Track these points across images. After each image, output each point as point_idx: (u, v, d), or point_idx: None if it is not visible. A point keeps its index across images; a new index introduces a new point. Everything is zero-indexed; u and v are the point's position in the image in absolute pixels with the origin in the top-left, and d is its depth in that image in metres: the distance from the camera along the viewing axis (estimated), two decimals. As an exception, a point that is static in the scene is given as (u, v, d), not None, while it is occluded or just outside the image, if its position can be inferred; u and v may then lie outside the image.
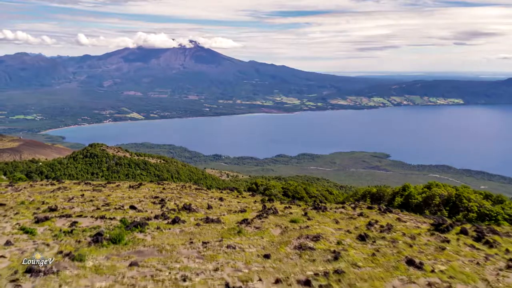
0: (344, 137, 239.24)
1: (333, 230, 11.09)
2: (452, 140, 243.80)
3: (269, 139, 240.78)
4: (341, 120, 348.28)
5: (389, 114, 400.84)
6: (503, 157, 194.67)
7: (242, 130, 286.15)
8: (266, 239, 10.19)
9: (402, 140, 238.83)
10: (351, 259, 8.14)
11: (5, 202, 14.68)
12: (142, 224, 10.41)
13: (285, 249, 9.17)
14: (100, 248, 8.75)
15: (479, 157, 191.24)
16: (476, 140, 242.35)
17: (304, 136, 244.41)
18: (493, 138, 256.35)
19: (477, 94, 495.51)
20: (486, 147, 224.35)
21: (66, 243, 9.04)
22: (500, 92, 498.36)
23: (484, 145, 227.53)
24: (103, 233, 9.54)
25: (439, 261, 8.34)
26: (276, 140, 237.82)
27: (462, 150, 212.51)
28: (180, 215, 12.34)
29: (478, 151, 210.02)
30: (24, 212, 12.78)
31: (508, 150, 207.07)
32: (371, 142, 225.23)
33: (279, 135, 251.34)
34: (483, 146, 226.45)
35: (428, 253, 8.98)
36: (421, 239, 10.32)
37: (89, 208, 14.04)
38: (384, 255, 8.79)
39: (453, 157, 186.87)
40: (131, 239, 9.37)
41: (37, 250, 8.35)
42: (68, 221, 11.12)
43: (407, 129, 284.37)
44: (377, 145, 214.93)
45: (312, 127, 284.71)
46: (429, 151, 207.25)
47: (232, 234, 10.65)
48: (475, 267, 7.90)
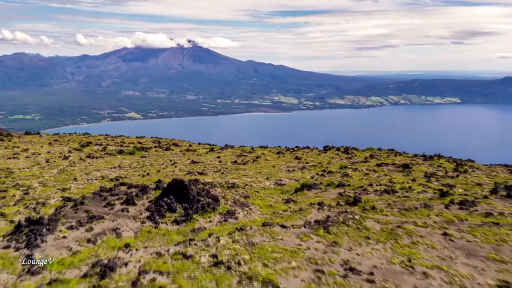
0: (341, 135, 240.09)
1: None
2: (448, 135, 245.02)
3: (266, 138, 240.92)
4: (338, 119, 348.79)
5: (386, 113, 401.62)
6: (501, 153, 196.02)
7: (240, 129, 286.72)
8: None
9: (401, 138, 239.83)
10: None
11: (59, 138, 29.34)
12: (146, 148, 17.99)
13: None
14: (124, 154, 22.71)
15: (478, 152, 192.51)
16: (473, 136, 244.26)
17: (301, 135, 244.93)
18: (490, 135, 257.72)
19: (474, 93, 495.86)
20: (482, 142, 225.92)
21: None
22: (497, 91, 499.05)
23: (481, 141, 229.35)
24: (124, 150, 22.39)
25: (313, 158, 22.44)
26: (273, 138, 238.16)
27: (459, 145, 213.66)
28: (170, 147, 22.89)
29: (476, 146, 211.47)
30: (72, 144, 24.77)
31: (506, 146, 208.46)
32: (368, 139, 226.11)
33: (276, 134, 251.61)
34: (480, 141, 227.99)
35: (310, 155, 23.82)
36: (311, 153, 25.59)
37: (113, 142, 26.94)
38: (285, 156, 23.75)
39: (451, 152, 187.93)
40: (140, 153, 22.63)
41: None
42: (101, 147, 23.63)
43: (404, 127, 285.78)
44: (373, 142, 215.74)
45: (309, 126, 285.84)
46: (425, 146, 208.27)
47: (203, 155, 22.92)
48: (332, 160, 21.63)
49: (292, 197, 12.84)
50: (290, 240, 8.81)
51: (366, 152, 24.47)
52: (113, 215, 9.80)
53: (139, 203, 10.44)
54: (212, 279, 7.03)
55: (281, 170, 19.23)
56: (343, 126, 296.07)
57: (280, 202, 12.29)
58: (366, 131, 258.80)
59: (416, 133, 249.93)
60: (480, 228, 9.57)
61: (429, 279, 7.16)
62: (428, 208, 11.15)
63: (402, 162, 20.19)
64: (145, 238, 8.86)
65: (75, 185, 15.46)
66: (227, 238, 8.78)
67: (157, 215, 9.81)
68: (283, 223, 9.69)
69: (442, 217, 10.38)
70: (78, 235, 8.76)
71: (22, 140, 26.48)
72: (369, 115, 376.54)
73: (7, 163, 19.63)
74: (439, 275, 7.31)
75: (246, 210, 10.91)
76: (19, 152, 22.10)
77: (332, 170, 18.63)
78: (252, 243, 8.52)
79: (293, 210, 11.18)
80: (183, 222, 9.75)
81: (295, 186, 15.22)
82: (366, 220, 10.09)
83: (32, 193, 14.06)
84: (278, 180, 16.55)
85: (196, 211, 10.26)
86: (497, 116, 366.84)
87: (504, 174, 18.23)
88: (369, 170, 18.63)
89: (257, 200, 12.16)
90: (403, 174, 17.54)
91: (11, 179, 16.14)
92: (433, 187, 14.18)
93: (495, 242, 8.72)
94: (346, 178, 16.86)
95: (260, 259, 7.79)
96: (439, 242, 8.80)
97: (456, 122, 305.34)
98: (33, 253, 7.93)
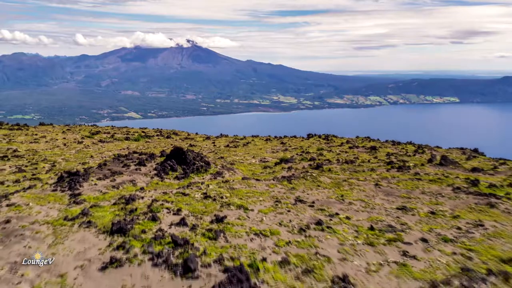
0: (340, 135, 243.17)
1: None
2: (447, 135, 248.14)
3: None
4: (337, 119, 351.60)
5: (385, 112, 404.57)
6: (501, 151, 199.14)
7: (239, 128, 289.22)
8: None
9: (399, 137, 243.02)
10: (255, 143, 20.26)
11: (71, 128, 31.91)
12: (150, 136, 18.29)
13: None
14: (130, 141, 23.21)
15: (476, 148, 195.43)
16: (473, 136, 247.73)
17: (300, 134, 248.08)
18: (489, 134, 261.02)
19: (473, 93, 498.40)
20: (482, 142, 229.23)
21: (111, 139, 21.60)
22: (495, 90, 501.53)
23: (481, 140, 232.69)
24: (129, 137, 19.84)
25: (296, 143, 26.07)
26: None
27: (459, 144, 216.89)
28: (171, 135, 20.90)
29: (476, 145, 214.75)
30: (83, 133, 26.90)
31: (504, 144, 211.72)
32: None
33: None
34: (480, 141, 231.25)
35: (294, 141, 27.69)
36: (295, 140, 29.42)
37: (119, 132, 28.76)
38: (272, 142, 26.29)
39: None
40: (144, 140, 23.06)
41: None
42: (109, 135, 24.47)
43: (403, 126, 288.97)
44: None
45: (308, 125, 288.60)
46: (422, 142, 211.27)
47: (199, 141, 22.27)
48: (312, 144, 24.37)
49: (270, 166, 16.02)
50: (261, 187, 11.99)
51: (344, 139, 27.68)
52: (129, 172, 12.98)
53: (148, 165, 13.62)
54: (202, 205, 10.21)
55: (267, 151, 22.42)
56: (342, 125, 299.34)
57: (259, 169, 15.49)
58: (365, 131, 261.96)
59: (416, 133, 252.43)
60: (405, 181, 12.77)
61: (352, 205, 10.36)
62: (373, 171, 14.34)
63: (372, 145, 23.38)
64: (154, 187, 12.03)
65: (93, 160, 18.62)
66: (215, 185, 11.98)
67: (163, 173, 12.99)
68: (257, 178, 12.89)
69: (380, 176, 13.58)
70: (105, 183, 11.93)
71: (38, 130, 29.67)
72: (368, 114, 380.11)
73: (31, 146, 22.82)
74: (360, 204, 10.50)
75: (231, 172, 14.09)
76: (39, 138, 25.29)
77: (310, 151, 21.82)
78: (232, 188, 11.71)
79: (267, 172, 14.38)
80: (182, 178, 12.92)
81: (275, 161, 18.40)
82: (321, 177, 13.28)
83: (58, 166, 17.21)
84: (263, 158, 19.72)
85: (192, 171, 13.43)
86: (496, 115, 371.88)
87: (456, 154, 21.47)
88: (342, 151, 21.82)
89: (241, 167, 15.35)
90: (369, 154, 20.72)
91: (38, 156, 19.31)
92: (387, 161, 17.35)
93: (410, 188, 11.93)
94: (320, 156, 20.04)
95: (237, 196, 10.97)
96: (370, 189, 11.99)
97: (455, 121, 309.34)
98: (75, 193, 11.09)
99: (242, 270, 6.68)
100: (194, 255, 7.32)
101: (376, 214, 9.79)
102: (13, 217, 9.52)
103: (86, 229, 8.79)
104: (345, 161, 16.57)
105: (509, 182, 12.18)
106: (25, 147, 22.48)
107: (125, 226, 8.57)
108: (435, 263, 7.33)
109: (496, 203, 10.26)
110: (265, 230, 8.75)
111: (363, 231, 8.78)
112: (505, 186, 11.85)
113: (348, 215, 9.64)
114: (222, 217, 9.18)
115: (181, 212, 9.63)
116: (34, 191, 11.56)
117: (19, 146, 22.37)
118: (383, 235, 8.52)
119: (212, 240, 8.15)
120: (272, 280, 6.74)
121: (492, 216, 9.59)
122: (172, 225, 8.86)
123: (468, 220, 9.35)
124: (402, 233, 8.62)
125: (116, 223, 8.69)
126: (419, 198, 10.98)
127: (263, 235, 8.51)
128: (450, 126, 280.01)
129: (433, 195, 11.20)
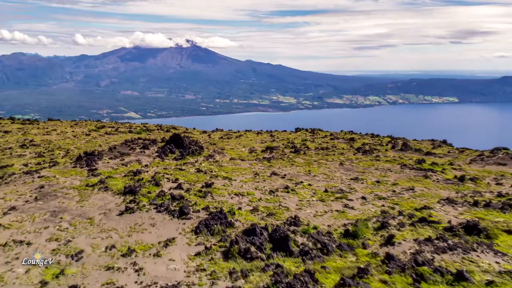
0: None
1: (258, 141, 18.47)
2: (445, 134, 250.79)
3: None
4: (336, 118, 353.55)
5: (384, 112, 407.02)
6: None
7: (238, 128, 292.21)
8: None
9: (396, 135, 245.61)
10: (247, 136, 16.47)
11: (78, 123, 33.85)
12: (151, 130, 19.09)
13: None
14: (133, 133, 22.50)
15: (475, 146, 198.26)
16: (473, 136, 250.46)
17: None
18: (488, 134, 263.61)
19: (472, 93, 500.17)
20: (481, 141, 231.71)
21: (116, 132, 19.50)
22: (494, 90, 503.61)
23: (480, 140, 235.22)
24: (132, 130, 19.93)
25: (284, 136, 24.35)
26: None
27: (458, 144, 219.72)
28: (170, 130, 23.68)
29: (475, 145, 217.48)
30: (89, 127, 28.68)
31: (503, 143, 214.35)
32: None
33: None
34: (479, 140, 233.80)
35: (282, 134, 26.42)
36: (284, 133, 27.00)
37: (122, 126, 30.70)
38: (263, 135, 24.35)
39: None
40: (146, 133, 22.39)
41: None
42: (114, 129, 24.52)
43: (402, 125, 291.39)
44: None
45: (307, 125, 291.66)
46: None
47: (196, 134, 22.16)
48: (298, 137, 22.43)
49: (256, 152, 18.57)
50: (245, 165, 14.55)
51: (328, 132, 30.25)
52: (135, 154, 15.53)
53: (151, 149, 16.18)
54: (195, 176, 12.76)
55: (256, 142, 24.98)
56: (341, 125, 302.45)
57: (246, 153, 18.04)
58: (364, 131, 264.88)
59: (414, 132, 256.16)
60: (365, 161, 15.32)
61: (315, 177, 12.91)
62: (342, 155, 16.89)
63: (351, 137, 25.94)
64: (156, 165, 14.57)
65: (101, 148, 21.18)
66: (207, 163, 14.54)
67: (163, 155, 15.53)
68: (242, 159, 15.44)
69: (346, 158, 16.14)
70: (116, 162, 14.48)
71: (48, 124, 32.21)
72: (367, 114, 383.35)
73: (44, 137, 25.36)
74: (322, 176, 13.05)
75: (222, 155, 16.65)
76: (50, 131, 27.83)
77: (295, 142, 24.37)
78: (221, 165, 14.27)
79: (252, 156, 16.93)
80: (179, 159, 15.46)
81: (261, 149, 20.95)
82: (296, 158, 15.84)
83: (71, 152, 19.76)
84: (252, 148, 22.27)
85: (188, 153, 15.98)
86: (495, 115, 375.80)
87: (426, 144, 24.04)
88: (323, 142, 24.36)
89: (230, 151, 17.91)
90: (346, 144, 23.27)
91: (53, 145, 21.84)
92: (357, 148, 19.89)
93: (367, 166, 14.48)
94: (302, 146, 22.59)
95: (224, 171, 13.53)
96: (334, 166, 14.55)
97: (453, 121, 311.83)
98: (92, 168, 13.62)
99: (221, 212, 9.23)
100: (187, 204, 9.87)
101: (333, 182, 12.34)
102: (45, 184, 12.06)
103: (104, 192, 11.32)
104: (321, 148, 19.10)
105: (450, 161, 14.74)
106: (39, 138, 25.02)
107: (135, 189, 11.11)
108: (366, 211, 9.89)
109: (430, 175, 12.82)
110: (243, 192, 11.30)
111: (319, 193, 11.33)
112: (446, 164, 14.40)
113: (310, 183, 12.18)
114: (210, 184, 11.73)
115: (178, 180, 12.17)
116: (58, 168, 14.10)
117: (34, 137, 24.92)
118: (334, 195, 11.08)
119: (202, 198, 10.70)
120: (243, 219, 9.29)
121: (424, 184, 12.14)
122: (171, 189, 11.41)
123: (404, 186, 11.91)
124: (349, 194, 11.17)
125: (128, 187, 11.23)
126: (371, 173, 13.53)
127: (241, 195, 11.06)
128: (449, 126, 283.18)
129: (383, 171, 13.75)
